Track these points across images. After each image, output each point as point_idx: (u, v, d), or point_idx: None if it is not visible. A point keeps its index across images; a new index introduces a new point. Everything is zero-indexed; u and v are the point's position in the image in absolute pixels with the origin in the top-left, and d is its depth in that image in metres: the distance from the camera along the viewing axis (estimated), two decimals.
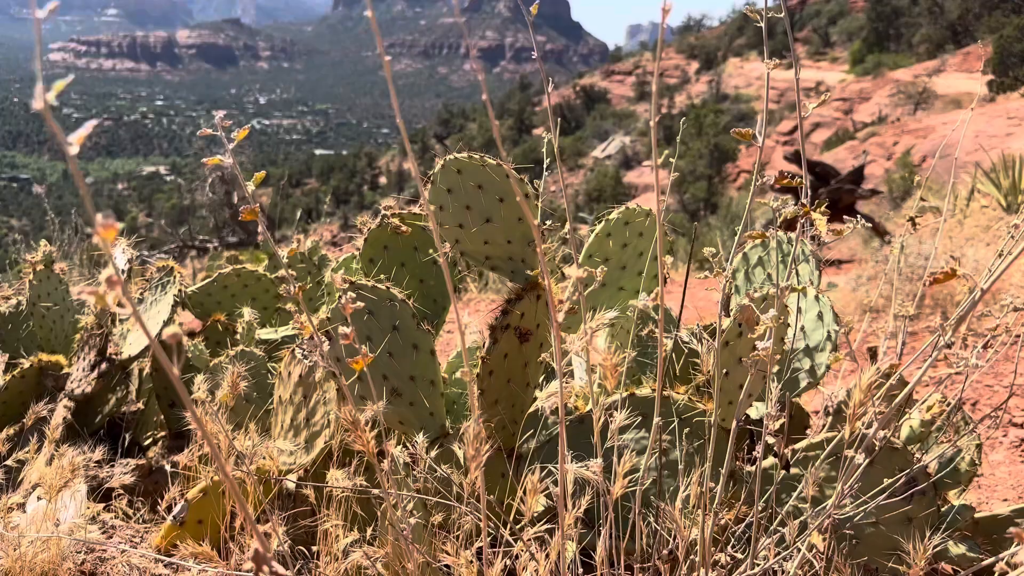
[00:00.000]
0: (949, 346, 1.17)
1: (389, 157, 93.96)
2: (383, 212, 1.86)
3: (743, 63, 67.16)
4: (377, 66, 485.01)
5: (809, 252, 1.59)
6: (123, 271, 2.33)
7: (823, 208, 1.22)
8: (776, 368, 1.24)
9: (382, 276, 1.65)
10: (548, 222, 1.49)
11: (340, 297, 1.65)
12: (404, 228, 1.80)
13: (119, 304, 0.62)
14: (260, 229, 2.93)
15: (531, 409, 1.55)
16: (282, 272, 1.60)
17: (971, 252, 6.23)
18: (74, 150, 0.59)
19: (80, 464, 1.63)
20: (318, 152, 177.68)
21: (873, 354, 1.96)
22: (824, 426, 1.91)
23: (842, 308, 6.02)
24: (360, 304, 1.13)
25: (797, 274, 1.45)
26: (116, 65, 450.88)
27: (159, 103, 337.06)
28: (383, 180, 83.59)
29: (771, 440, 1.16)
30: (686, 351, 1.72)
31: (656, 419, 1.13)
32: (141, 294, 2.65)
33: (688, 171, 29.13)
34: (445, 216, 1.51)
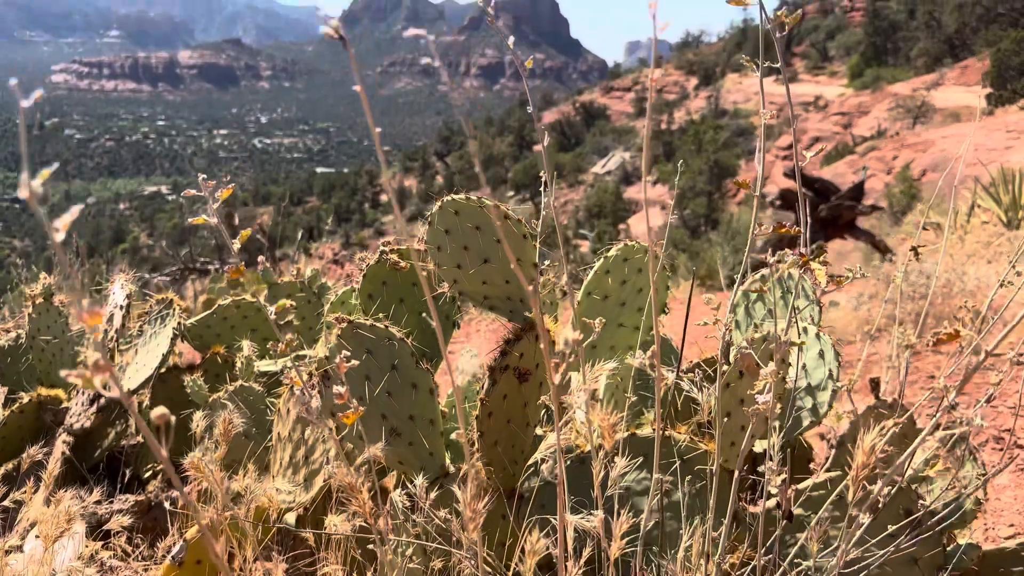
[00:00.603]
0: (953, 407, 1.16)
1: (390, 174, 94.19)
2: (382, 248, 1.86)
3: (742, 79, 67.54)
4: (378, 85, 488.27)
5: (809, 287, 1.59)
6: (122, 306, 2.33)
7: (822, 244, 1.21)
8: (778, 408, 1.23)
9: (380, 315, 1.64)
10: (547, 262, 1.49)
11: (337, 337, 1.64)
12: (403, 264, 1.79)
13: (105, 387, 0.62)
14: (260, 259, 2.93)
15: (531, 458, 1.54)
16: (285, 303, 1.60)
17: (972, 270, 6.22)
18: (60, 236, 0.59)
19: (77, 512, 1.62)
20: (319, 170, 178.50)
21: (875, 385, 1.95)
22: (828, 459, 1.89)
23: (844, 327, 6.00)
24: (355, 363, 1.12)
25: (797, 311, 1.44)
26: (118, 86, 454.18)
27: (161, 123, 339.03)
28: (384, 197, 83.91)
29: (774, 490, 1.15)
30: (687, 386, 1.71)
31: (656, 474, 1.12)
32: (140, 326, 2.64)
33: (688, 187, 29.24)
34: (443, 256, 1.51)
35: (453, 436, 1.66)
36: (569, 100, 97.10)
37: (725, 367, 1.28)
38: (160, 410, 0.58)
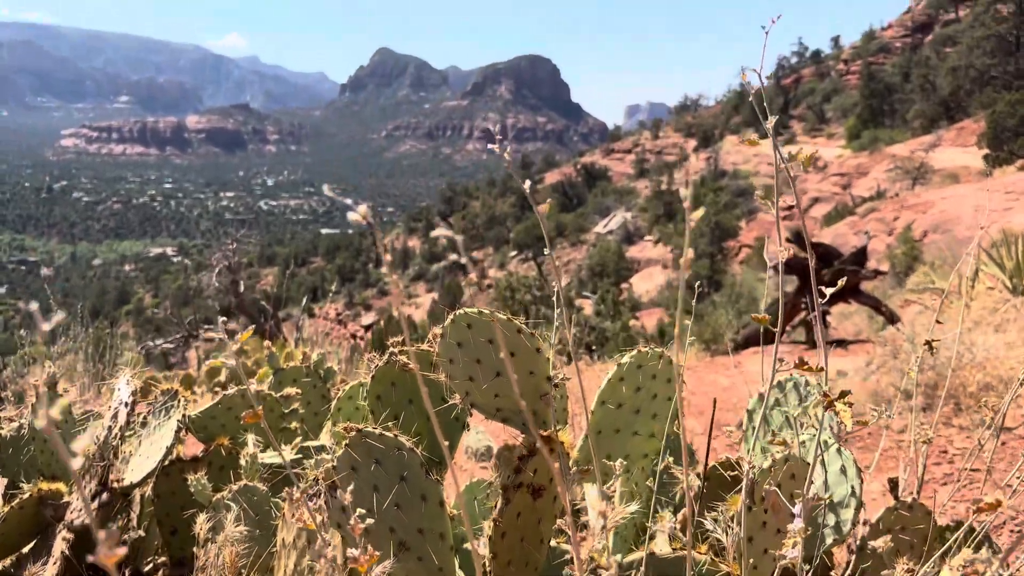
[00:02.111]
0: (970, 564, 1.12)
1: (394, 235, 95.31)
2: (391, 349, 1.85)
3: (740, 140, 68.74)
4: (382, 148, 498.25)
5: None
6: (127, 403, 2.30)
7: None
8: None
9: (390, 422, 1.61)
10: (560, 375, 1.47)
11: (345, 446, 1.62)
12: (412, 365, 1.78)
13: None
14: (266, 343, 2.89)
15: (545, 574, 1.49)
16: (291, 391, 1.58)
17: (980, 339, 6.18)
18: (77, 463, 0.59)
19: None
20: (324, 231, 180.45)
21: (894, 486, 1.90)
22: (848, 565, 1.84)
23: (853, 399, 5.92)
24: (370, 521, 1.09)
25: (822, 441, 1.41)
26: (126, 149, 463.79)
27: (168, 186, 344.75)
28: (388, 258, 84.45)
29: None
30: (704, 490, 1.67)
31: None
32: (144, 417, 2.61)
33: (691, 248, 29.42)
34: (455, 369, 1.50)
35: (467, 546, 1.61)
36: (571, 162, 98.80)
37: (749, 503, 1.24)
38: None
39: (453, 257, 70.00)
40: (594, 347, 19.79)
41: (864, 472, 1.79)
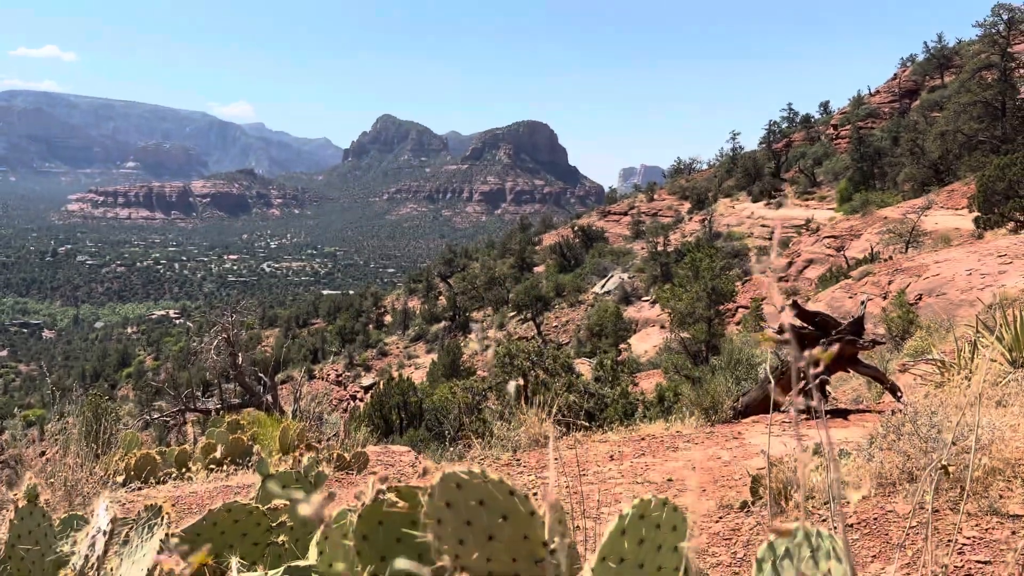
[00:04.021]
0: None
1: (394, 296, 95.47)
2: (379, 488, 1.85)
3: (733, 203, 69.67)
4: (384, 211, 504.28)
5: (840, 548, 1.55)
6: (105, 531, 2.31)
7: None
8: None
9: (372, 566, 1.61)
10: (556, 539, 1.44)
11: None
12: (401, 504, 1.77)
13: None
14: (256, 450, 2.92)
15: None
16: (279, 502, 1.58)
17: (984, 419, 6.14)
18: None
19: None
20: (325, 292, 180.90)
21: None
22: None
23: (856, 480, 5.86)
24: None
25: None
26: (132, 214, 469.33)
27: (172, 249, 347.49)
28: (388, 319, 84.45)
29: None
30: None
31: None
32: (127, 534, 2.61)
33: (687, 312, 29.63)
34: (444, 531, 1.46)
35: None
36: (568, 223, 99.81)
37: None
38: None
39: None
40: (594, 414, 19.62)
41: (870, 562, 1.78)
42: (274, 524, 2.80)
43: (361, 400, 56.75)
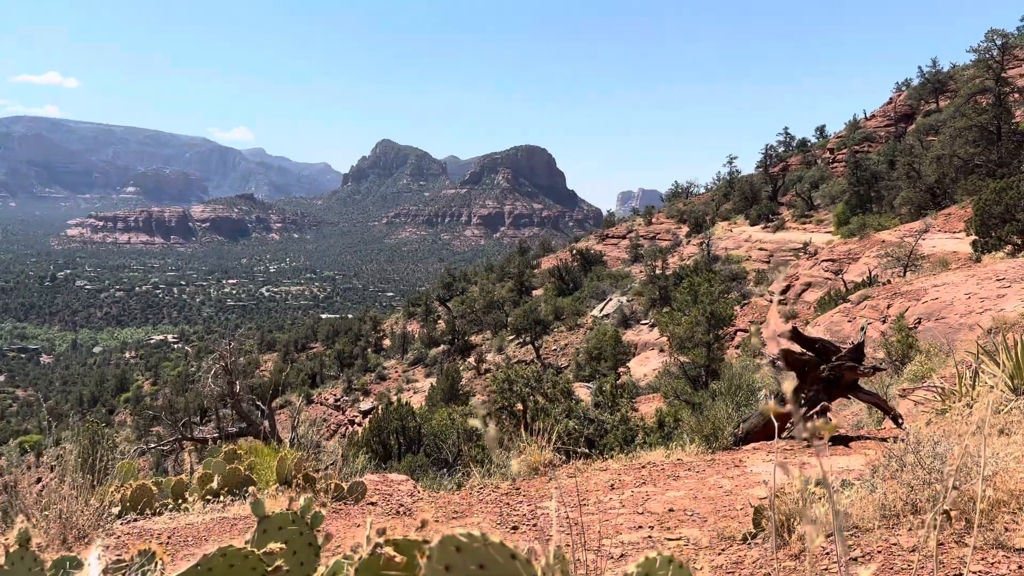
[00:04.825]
0: None
1: (393, 320, 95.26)
2: (376, 541, 1.83)
3: (731, 226, 69.92)
4: (383, 234, 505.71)
5: None
6: None
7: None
8: None
9: None
10: None
11: None
12: (399, 558, 1.75)
13: None
14: (251, 490, 2.89)
15: None
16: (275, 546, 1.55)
17: (987, 448, 6.10)
18: None
19: None
20: (324, 316, 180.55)
21: None
22: None
23: (860, 511, 5.80)
24: None
25: None
26: (131, 238, 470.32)
27: (171, 274, 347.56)
28: (387, 342, 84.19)
29: None
30: None
31: None
32: None
33: (687, 337, 29.61)
34: None
35: None
36: (567, 247, 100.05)
37: None
38: None
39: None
40: (594, 440, 19.50)
41: None
42: (270, 568, 2.77)
43: (359, 424, 56.37)
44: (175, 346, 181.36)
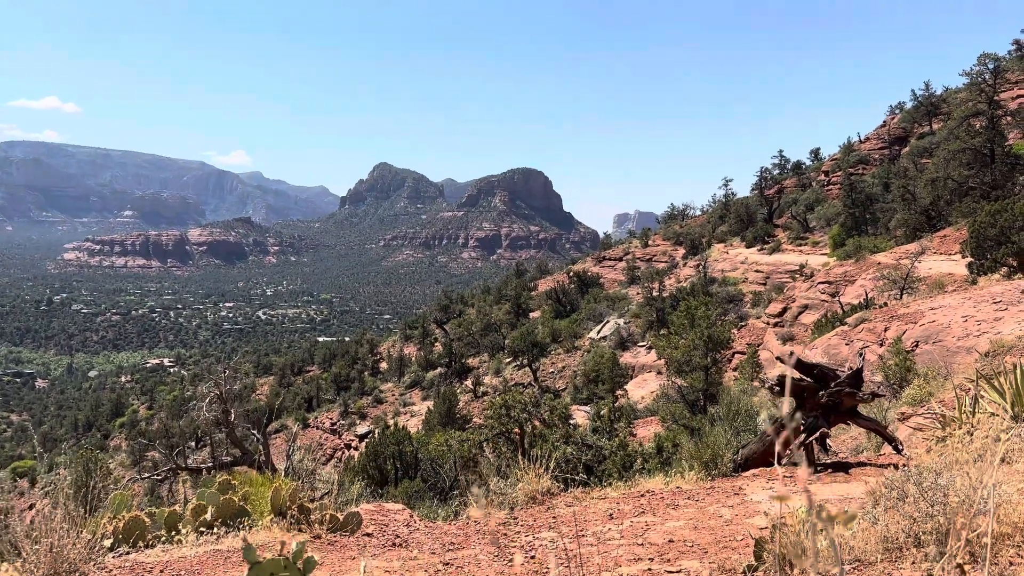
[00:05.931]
0: None
1: (390, 343, 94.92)
2: None
3: (727, 248, 70.13)
4: (380, 257, 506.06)
5: None
6: None
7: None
8: None
9: None
10: None
11: None
12: None
13: None
14: (242, 535, 2.86)
15: None
16: None
17: (989, 478, 6.04)
18: None
19: None
20: (321, 339, 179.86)
21: None
22: None
23: (862, 545, 5.73)
24: None
25: None
26: (128, 262, 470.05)
27: (167, 297, 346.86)
28: (384, 365, 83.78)
29: None
30: None
31: None
32: None
33: (684, 361, 29.53)
34: None
35: None
36: (564, 269, 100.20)
37: None
38: None
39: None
40: (592, 467, 19.33)
41: None
42: None
43: (356, 448, 55.92)
44: (171, 370, 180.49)
